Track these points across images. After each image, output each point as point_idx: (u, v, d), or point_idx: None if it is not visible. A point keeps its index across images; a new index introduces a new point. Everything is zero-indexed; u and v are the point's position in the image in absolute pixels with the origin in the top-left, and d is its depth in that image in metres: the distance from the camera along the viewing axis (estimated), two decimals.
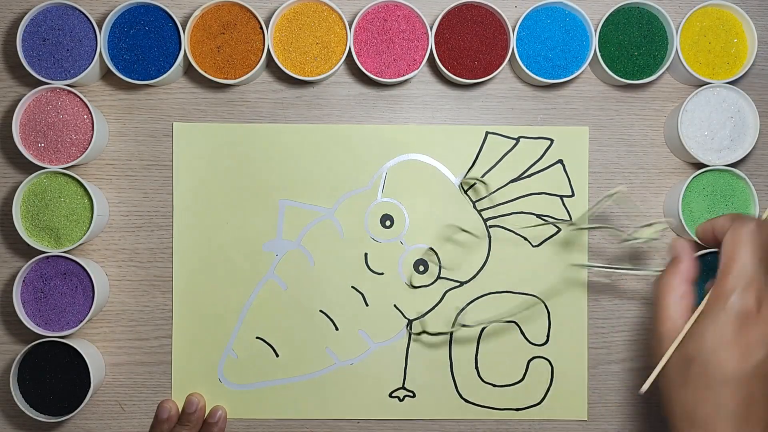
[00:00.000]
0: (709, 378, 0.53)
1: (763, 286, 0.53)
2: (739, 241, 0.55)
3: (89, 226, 0.77)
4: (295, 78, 0.78)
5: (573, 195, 0.82)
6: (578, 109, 0.82)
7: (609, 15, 0.78)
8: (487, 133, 0.82)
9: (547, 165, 0.82)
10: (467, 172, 0.81)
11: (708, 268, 0.79)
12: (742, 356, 0.52)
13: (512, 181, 0.82)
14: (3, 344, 0.81)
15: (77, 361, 0.77)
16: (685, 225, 0.77)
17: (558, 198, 0.82)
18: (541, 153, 0.82)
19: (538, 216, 0.81)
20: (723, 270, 0.55)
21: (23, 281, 0.77)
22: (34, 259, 0.77)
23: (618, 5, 0.78)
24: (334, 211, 0.81)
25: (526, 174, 0.82)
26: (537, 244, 0.82)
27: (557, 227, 0.82)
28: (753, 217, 0.57)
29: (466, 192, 0.81)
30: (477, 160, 0.82)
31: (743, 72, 0.79)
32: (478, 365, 0.81)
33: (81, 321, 0.77)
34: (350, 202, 0.81)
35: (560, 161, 0.82)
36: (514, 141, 0.82)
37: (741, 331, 0.53)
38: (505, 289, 0.81)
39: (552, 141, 0.82)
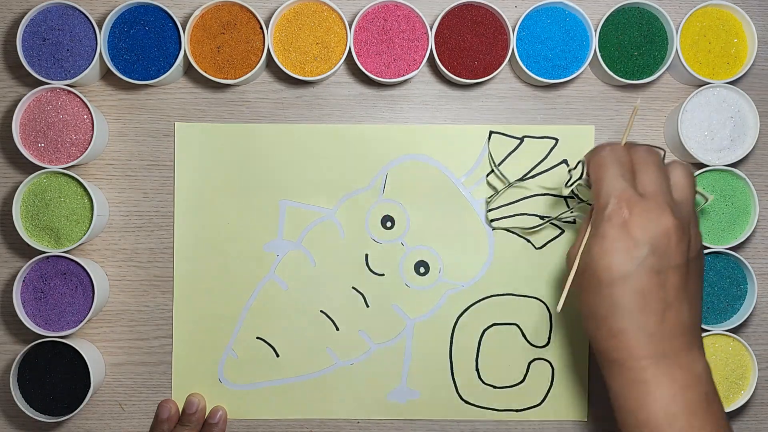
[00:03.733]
0: (600, 282, 0.60)
1: (629, 195, 0.60)
2: (599, 164, 0.63)
3: (89, 226, 0.77)
4: (295, 78, 0.78)
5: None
6: (578, 109, 0.82)
7: (609, 15, 0.78)
8: (491, 132, 0.82)
9: (552, 165, 0.81)
10: (471, 171, 0.81)
11: (707, 268, 0.79)
12: (623, 258, 0.59)
13: (516, 181, 0.81)
14: (3, 344, 0.81)
15: (77, 361, 0.77)
16: None
17: (562, 199, 0.81)
18: (546, 152, 0.81)
19: (541, 217, 0.81)
20: (594, 191, 0.62)
21: (23, 281, 0.77)
22: (34, 259, 0.77)
23: (618, 5, 0.78)
24: (335, 211, 0.81)
25: (530, 174, 0.81)
26: (540, 246, 0.81)
27: (561, 228, 0.81)
28: (611, 141, 0.66)
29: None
30: (480, 160, 0.81)
31: (743, 72, 0.79)
32: (479, 367, 0.81)
33: (81, 321, 0.77)
34: (351, 202, 0.81)
35: (565, 161, 0.81)
36: (519, 140, 0.81)
37: (618, 236, 0.60)
38: (506, 292, 0.81)
39: (557, 140, 0.81)
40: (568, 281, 0.65)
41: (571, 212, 0.79)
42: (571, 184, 0.68)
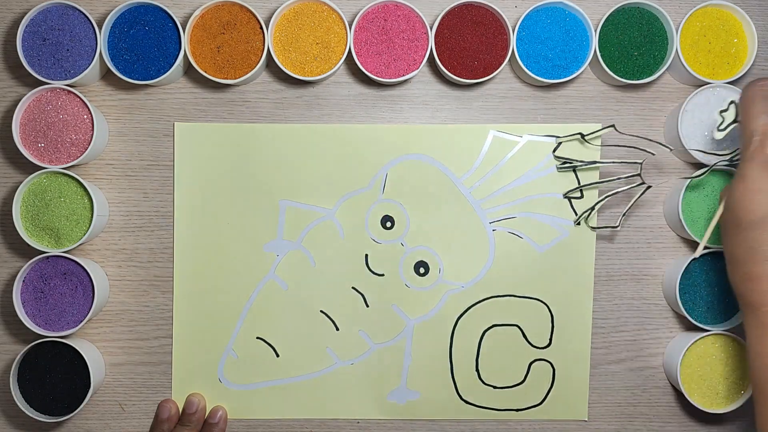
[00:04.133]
0: (739, 224, 0.58)
1: None
2: (746, 100, 0.60)
3: (89, 226, 0.77)
4: (295, 78, 0.78)
5: (581, 197, 0.81)
6: (578, 109, 0.82)
7: (609, 15, 0.78)
8: (491, 132, 0.81)
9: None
10: (471, 171, 0.81)
11: (707, 268, 0.79)
12: (763, 200, 0.57)
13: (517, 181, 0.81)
14: (3, 344, 0.81)
15: (77, 361, 0.77)
16: (685, 225, 0.77)
17: (566, 200, 0.81)
18: (549, 152, 0.81)
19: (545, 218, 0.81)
20: (741, 129, 0.59)
21: (23, 281, 0.77)
22: (34, 259, 0.77)
23: (618, 5, 0.78)
24: (335, 211, 0.81)
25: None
26: (542, 246, 0.81)
27: (564, 229, 0.81)
28: (764, 77, 0.62)
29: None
30: (481, 160, 0.81)
31: (743, 72, 0.79)
32: (479, 368, 0.81)
33: (81, 321, 0.77)
34: (351, 202, 0.81)
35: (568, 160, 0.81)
36: (520, 139, 0.81)
37: (760, 176, 0.57)
38: (507, 293, 0.81)
39: (558, 140, 0.81)
40: (712, 223, 0.64)
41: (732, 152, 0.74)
42: (724, 128, 0.65)
